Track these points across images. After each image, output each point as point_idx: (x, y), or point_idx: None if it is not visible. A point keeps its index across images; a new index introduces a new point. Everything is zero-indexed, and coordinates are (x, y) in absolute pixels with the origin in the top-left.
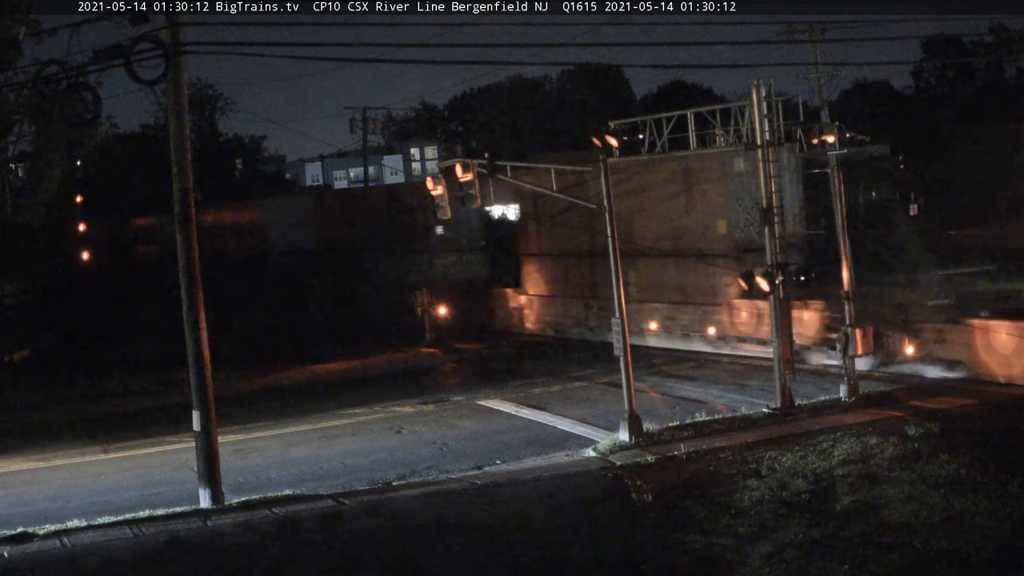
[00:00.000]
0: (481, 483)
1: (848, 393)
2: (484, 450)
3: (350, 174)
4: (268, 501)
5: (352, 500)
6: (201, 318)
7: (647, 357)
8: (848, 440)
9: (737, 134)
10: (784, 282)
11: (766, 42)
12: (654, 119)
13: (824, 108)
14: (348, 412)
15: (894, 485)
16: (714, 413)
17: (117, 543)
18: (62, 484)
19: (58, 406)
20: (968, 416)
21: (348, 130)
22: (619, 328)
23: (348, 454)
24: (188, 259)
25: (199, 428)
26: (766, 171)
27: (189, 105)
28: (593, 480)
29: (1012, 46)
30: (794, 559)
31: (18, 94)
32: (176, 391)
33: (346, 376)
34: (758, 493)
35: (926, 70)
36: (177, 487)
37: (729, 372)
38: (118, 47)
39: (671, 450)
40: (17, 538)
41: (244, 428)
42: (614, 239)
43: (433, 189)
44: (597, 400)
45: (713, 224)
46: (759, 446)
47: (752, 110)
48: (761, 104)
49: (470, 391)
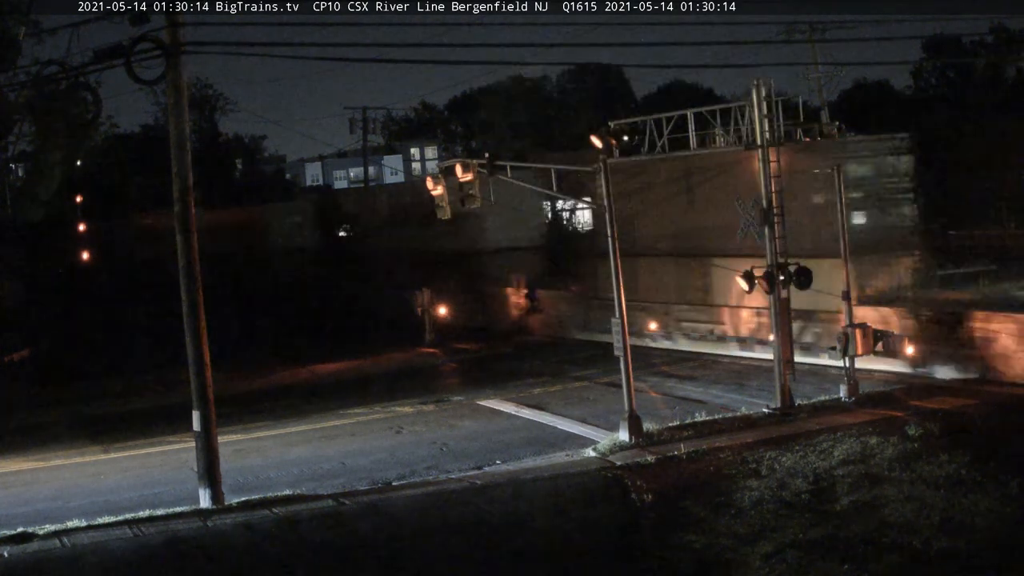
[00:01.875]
0: (481, 483)
1: (848, 393)
2: (484, 450)
3: (350, 174)
4: (268, 501)
5: (352, 500)
6: (201, 318)
7: (647, 357)
8: (848, 440)
9: (737, 134)
10: (784, 282)
11: (766, 42)
12: (654, 119)
13: (824, 108)
14: (348, 412)
15: (894, 485)
16: (714, 413)
17: (117, 543)
18: (62, 484)
19: (58, 406)
20: (968, 416)
21: (348, 130)
22: (619, 328)
23: (348, 454)
24: (188, 259)
25: (199, 428)
26: (766, 171)
27: (189, 105)
28: (593, 480)
29: (1012, 46)
30: (794, 559)
31: (18, 94)
32: (176, 391)
33: (346, 376)
34: (758, 493)
35: (926, 70)
36: (177, 487)
37: (729, 372)
38: (118, 47)
39: (671, 450)
40: (17, 538)
41: (244, 428)
42: (614, 239)
43: (433, 189)
44: (597, 400)
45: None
46: (759, 446)
47: (752, 110)
48: (761, 104)
49: (470, 391)
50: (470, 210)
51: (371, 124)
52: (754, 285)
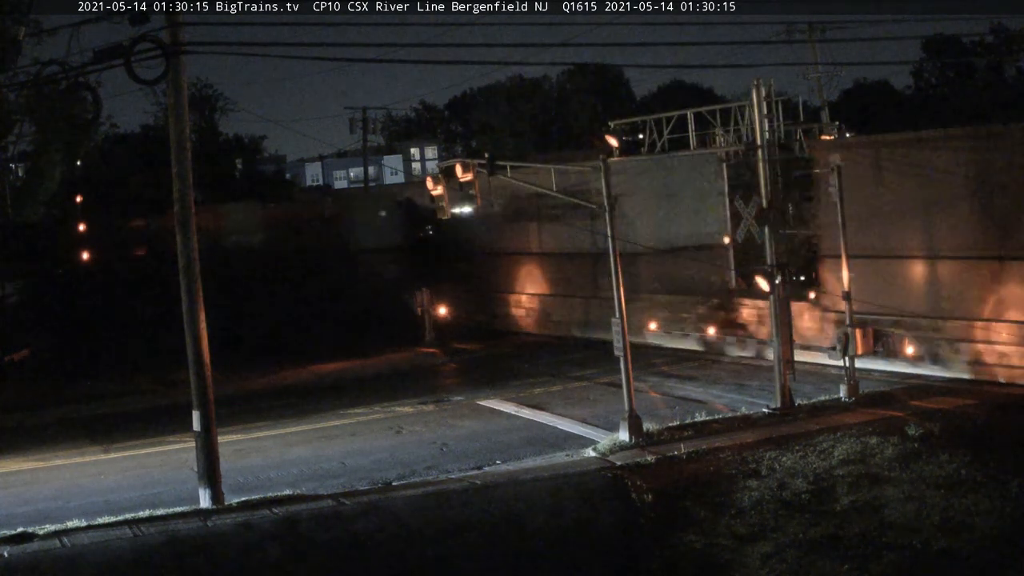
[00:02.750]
0: (481, 483)
1: (848, 393)
2: (484, 450)
3: (350, 174)
4: (268, 501)
5: (352, 500)
6: (201, 318)
7: (647, 357)
8: (848, 440)
9: (737, 134)
10: (784, 282)
11: (766, 42)
12: (654, 119)
13: (824, 108)
14: (348, 412)
15: (894, 485)
16: (714, 413)
17: (117, 543)
18: (62, 484)
19: (58, 406)
20: (968, 416)
21: (348, 130)
22: (619, 328)
23: (348, 454)
24: (188, 259)
25: (199, 428)
26: (766, 171)
27: (189, 105)
28: (593, 480)
29: (1012, 46)
30: (794, 559)
31: (18, 94)
32: (176, 391)
33: (346, 376)
34: (758, 493)
35: (926, 70)
36: (177, 487)
37: (729, 372)
38: (118, 47)
39: (671, 450)
40: (17, 538)
41: (244, 428)
42: (614, 239)
43: (433, 189)
44: (597, 400)
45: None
46: (759, 446)
47: (752, 110)
48: (761, 104)
49: (470, 391)
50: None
51: (371, 124)
52: (753, 285)
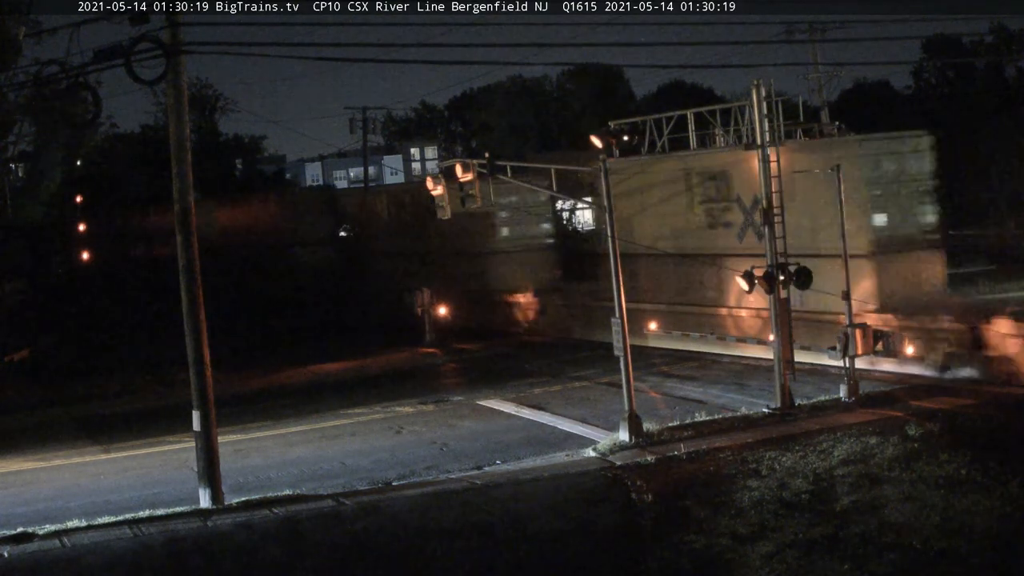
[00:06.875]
0: (481, 483)
1: (848, 393)
2: (484, 450)
3: (350, 174)
4: (268, 501)
5: (352, 500)
6: (201, 318)
7: (647, 357)
8: (848, 440)
9: (737, 134)
10: (784, 282)
11: (766, 42)
12: (654, 119)
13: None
14: (348, 412)
15: (894, 485)
16: (714, 413)
17: (117, 543)
18: (62, 484)
19: (58, 406)
20: (968, 416)
21: (348, 130)
22: (619, 328)
23: (348, 454)
24: (188, 259)
25: (199, 428)
26: (766, 171)
27: (189, 105)
28: (593, 480)
29: (1012, 46)
30: (794, 559)
31: (18, 94)
32: (176, 391)
33: (346, 376)
34: (758, 493)
35: (926, 70)
36: (177, 487)
37: (729, 372)
38: (118, 47)
39: (671, 450)
40: (17, 538)
41: (244, 428)
42: (614, 239)
43: (433, 189)
44: (597, 400)
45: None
46: (759, 446)
47: (752, 110)
48: (761, 104)
49: (470, 391)
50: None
51: (371, 124)
52: (753, 285)
